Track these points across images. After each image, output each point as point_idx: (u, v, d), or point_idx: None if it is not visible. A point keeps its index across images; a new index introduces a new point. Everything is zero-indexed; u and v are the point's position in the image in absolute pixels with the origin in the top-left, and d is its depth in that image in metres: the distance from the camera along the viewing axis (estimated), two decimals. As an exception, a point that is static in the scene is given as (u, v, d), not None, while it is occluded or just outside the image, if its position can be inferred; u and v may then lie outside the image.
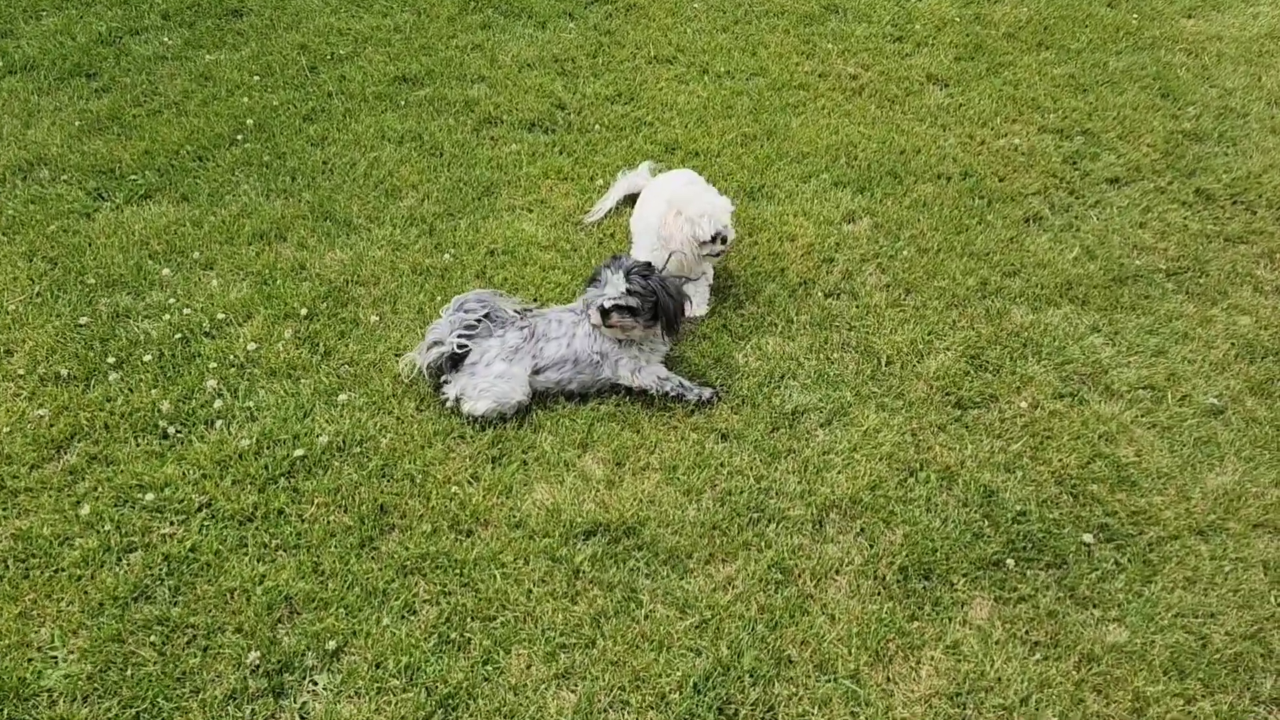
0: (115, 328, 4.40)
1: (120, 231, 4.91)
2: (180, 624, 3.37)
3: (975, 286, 4.83)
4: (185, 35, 6.68)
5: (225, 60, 6.41)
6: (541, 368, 4.15)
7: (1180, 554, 3.77)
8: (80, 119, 5.72)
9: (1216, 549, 3.79)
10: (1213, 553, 3.78)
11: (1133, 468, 4.06)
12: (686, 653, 3.41)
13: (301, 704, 3.21)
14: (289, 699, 3.22)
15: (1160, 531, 3.84)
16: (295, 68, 6.28)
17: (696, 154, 5.59)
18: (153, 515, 3.69)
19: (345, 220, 5.05)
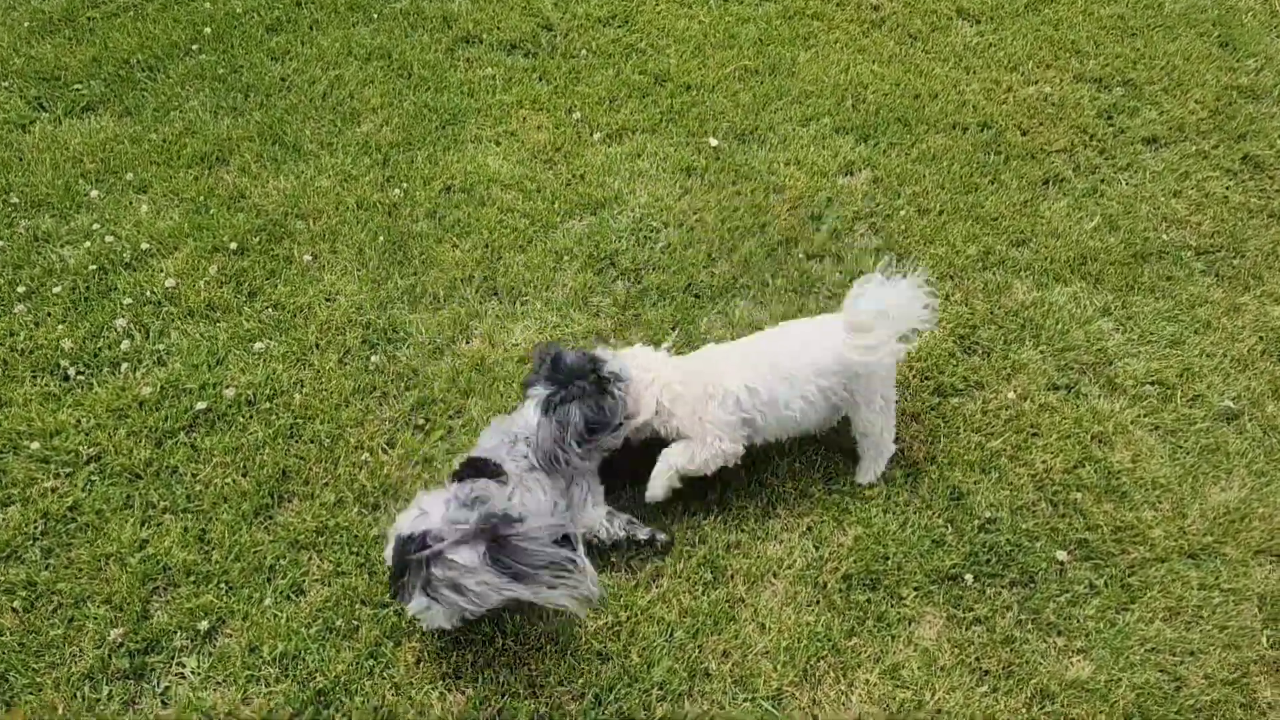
0: (31, 253, 4.10)
1: (55, 147, 4.57)
2: (47, 590, 3.11)
3: (976, 256, 4.33)
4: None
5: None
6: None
7: (1165, 580, 3.35)
8: (31, 19, 5.32)
9: (1208, 576, 3.36)
10: (1203, 581, 3.35)
11: (1125, 476, 3.61)
12: (593, 658, 3.09)
13: (164, 688, 2.95)
14: (151, 682, 2.96)
15: (1146, 552, 3.42)
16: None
17: (688, 87, 5.08)
18: (38, 466, 3.42)
19: (295, 145, 4.66)
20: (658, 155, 4.71)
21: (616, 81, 5.11)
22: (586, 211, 4.44)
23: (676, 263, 4.23)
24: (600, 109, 4.94)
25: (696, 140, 4.80)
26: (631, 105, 4.98)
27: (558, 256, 4.22)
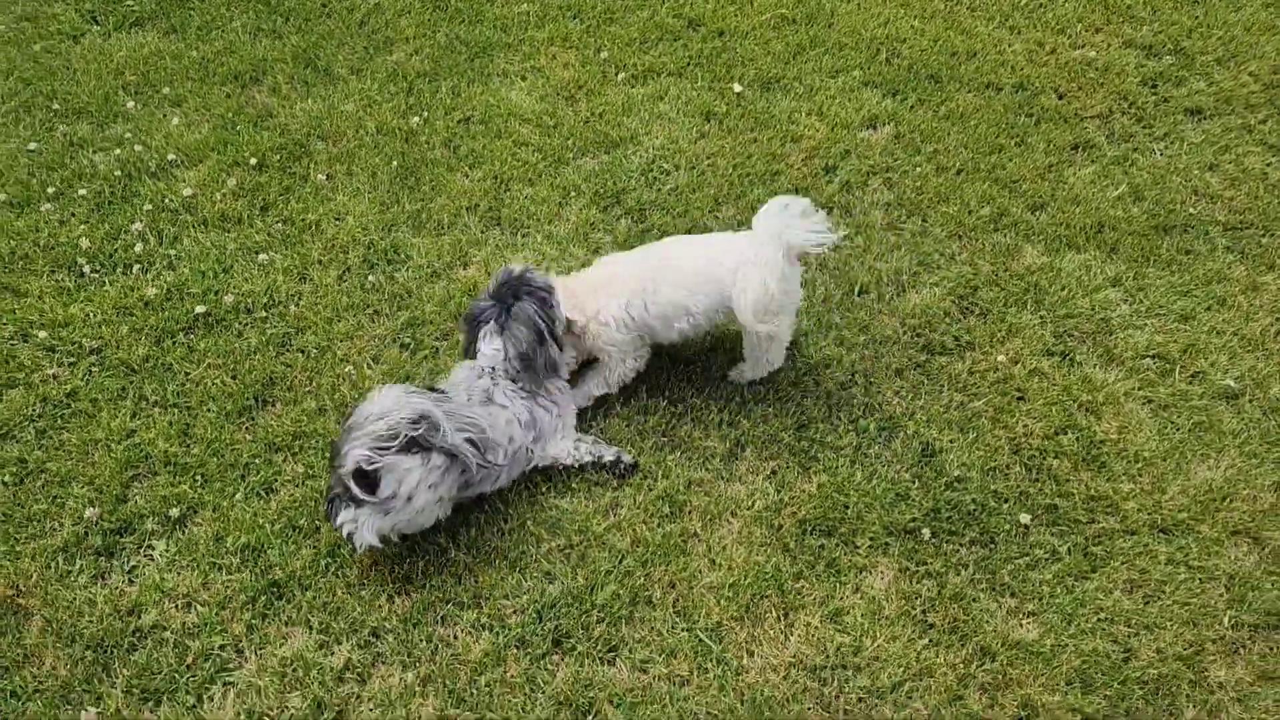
0: (65, 157, 4.31)
1: (101, 58, 4.78)
2: (37, 467, 3.32)
3: (989, 217, 4.24)
4: None
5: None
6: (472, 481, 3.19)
7: (1131, 552, 3.27)
8: (95, -65, 5.57)
9: (1177, 552, 3.27)
10: (1171, 556, 3.27)
11: (1108, 446, 3.53)
12: (540, 577, 3.17)
13: (132, 567, 3.13)
14: (121, 560, 3.14)
15: (1116, 524, 3.34)
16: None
17: (721, 33, 5.05)
18: (44, 354, 3.63)
19: (326, 69, 4.79)
20: (680, 98, 4.71)
21: (650, 24, 5.11)
22: (600, 150, 4.47)
23: (683, 204, 4.24)
24: (629, 50, 4.95)
25: (721, 85, 4.77)
26: (661, 48, 4.97)
27: (565, 192, 4.27)
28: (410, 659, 2.96)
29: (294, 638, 2.99)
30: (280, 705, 2.85)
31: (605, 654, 3.02)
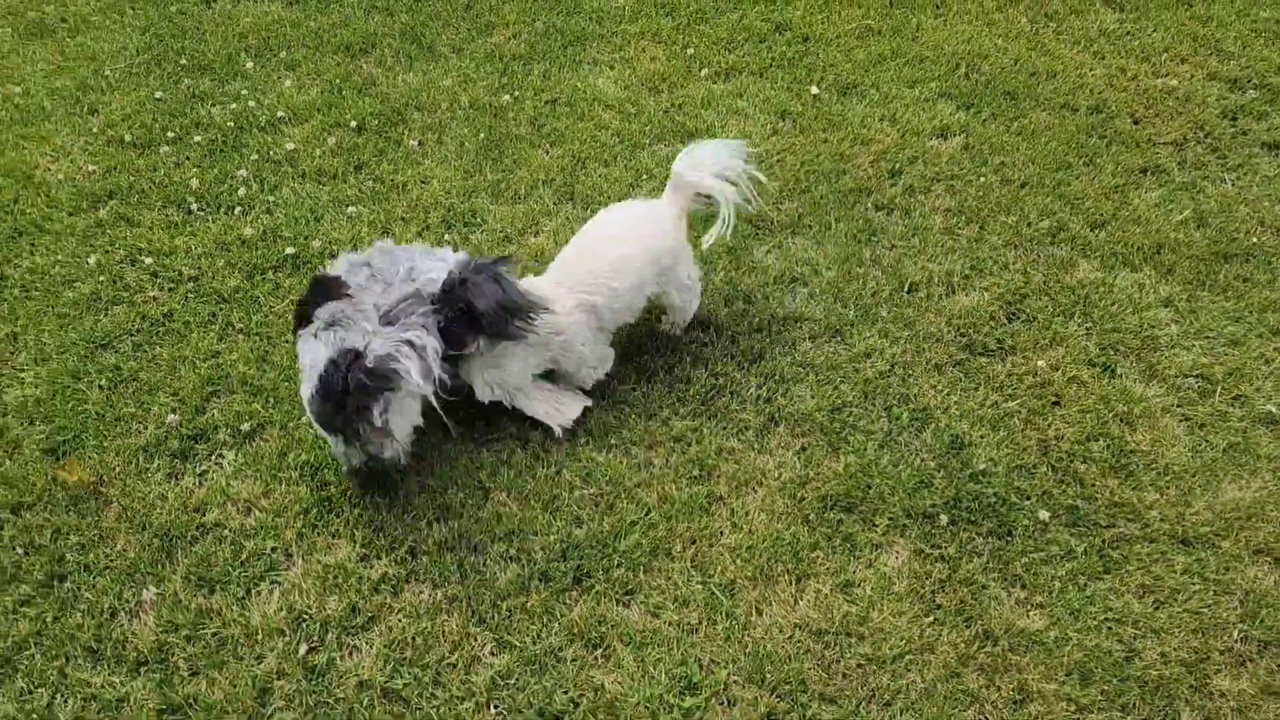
0: (186, 107, 4.71)
1: (228, 22, 5.20)
2: (130, 376, 3.66)
3: (1048, 230, 4.31)
4: None
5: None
6: None
7: (1148, 559, 3.32)
8: (234, -86, 6.03)
9: (1194, 564, 3.31)
10: (1188, 567, 3.31)
11: (1138, 457, 3.58)
12: (572, 520, 3.37)
13: (203, 471, 3.44)
14: (193, 463, 3.45)
15: (1136, 530, 3.40)
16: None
17: (805, 39, 5.23)
18: (148, 278, 3.99)
19: (430, 46, 5.12)
20: (758, 96, 4.89)
21: (738, 26, 5.31)
22: (676, 139, 4.68)
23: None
24: (715, 48, 5.16)
25: (800, 87, 4.95)
26: (746, 49, 5.17)
27: (638, 174, 4.49)
28: (440, 579, 3.19)
29: (338, 549, 3.25)
30: (319, 606, 3.11)
31: (622, 596, 3.20)
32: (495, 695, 2.96)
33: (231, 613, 3.08)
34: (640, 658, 3.05)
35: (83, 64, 4.94)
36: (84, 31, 5.14)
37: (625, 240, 3.54)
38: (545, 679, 3.00)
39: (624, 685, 2.99)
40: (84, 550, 3.20)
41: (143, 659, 2.98)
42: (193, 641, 3.01)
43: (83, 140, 4.53)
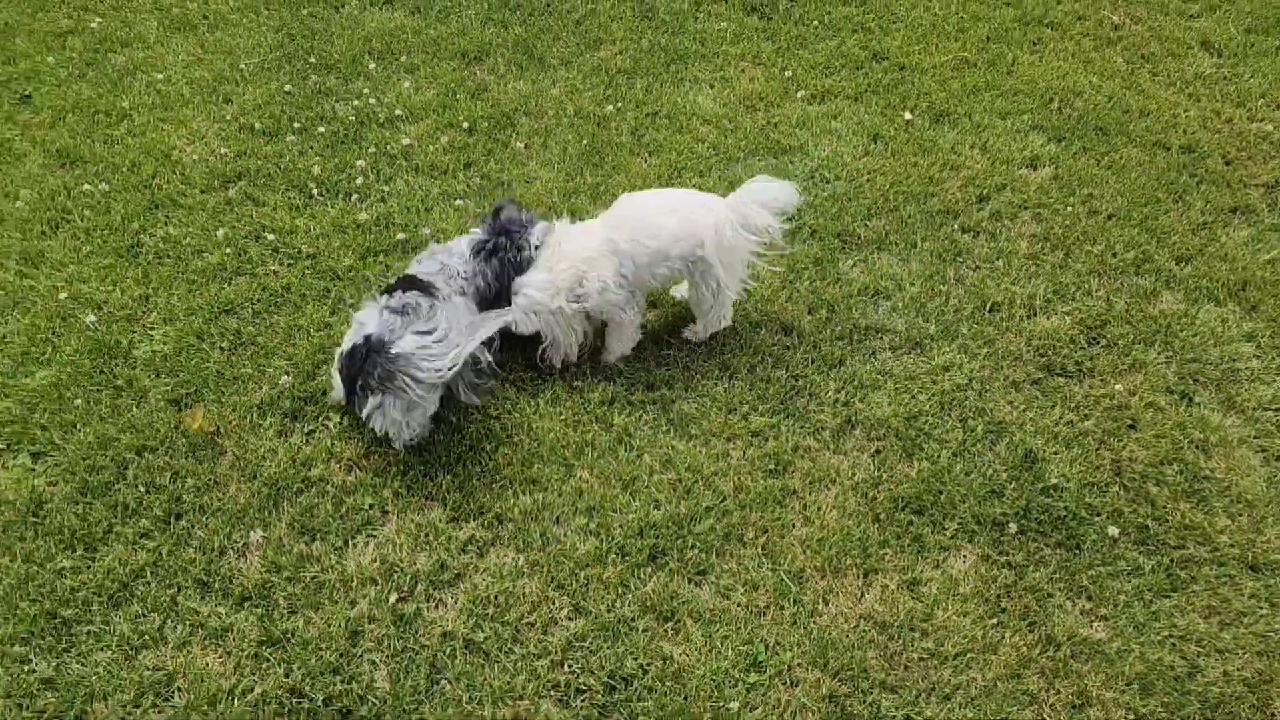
0: (312, 101, 5.03)
1: (354, 27, 5.54)
2: (249, 340, 3.93)
3: (1133, 261, 4.38)
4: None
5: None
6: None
7: (1216, 581, 3.36)
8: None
9: (1262, 589, 3.34)
10: (1256, 591, 3.34)
11: (1212, 484, 3.62)
12: (650, 501, 3.53)
13: (310, 430, 3.67)
14: (302, 423, 3.69)
15: (1205, 553, 3.44)
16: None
17: (902, 67, 5.38)
18: (269, 253, 4.27)
19: (540, 58, 5.39)
20: (852, 119, 5.05)
21: (836, 52, 5.49)
22: (769, 154, 4.86)
23: (837, 210, 4.56)
24: (813, 72, 5.34)
25: (893, 112, 5.09)
26: (843, 74, 5.34)
27: (730, 185, 4.64)
28: (524, 545, 3.37)
29: (430, 510, 3.45)
30: (410, 560, 3.31)
31: (694, 575, 3.34)
32: (569, 655, 3.12)
33: (329, 559, 3.30)
34: (708, 634, 3.18)
35: (220, 57, 5.31)
36: (223, 28, 5.53)
37: (673, 211, 3.76)
38: (617, 645, 3.15)
39: (691, 657, 3.13)
40: (199, 493, 3.45)
41: (247, 594, 3.21)
42: (293, 582, 3.23)
43: (217, 126, 4.88)
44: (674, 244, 3.73)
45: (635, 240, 3.73)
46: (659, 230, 3.72)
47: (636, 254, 3.74)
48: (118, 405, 3.69)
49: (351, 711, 2.97)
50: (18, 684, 2.98)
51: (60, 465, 3.51)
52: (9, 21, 5.49)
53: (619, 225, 3.77)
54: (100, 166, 4.64)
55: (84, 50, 5.33)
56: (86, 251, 4.24)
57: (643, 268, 3.77)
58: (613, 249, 3.74)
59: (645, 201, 3.84)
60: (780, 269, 4.26)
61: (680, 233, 3.72)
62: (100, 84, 5.11)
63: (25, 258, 4.20)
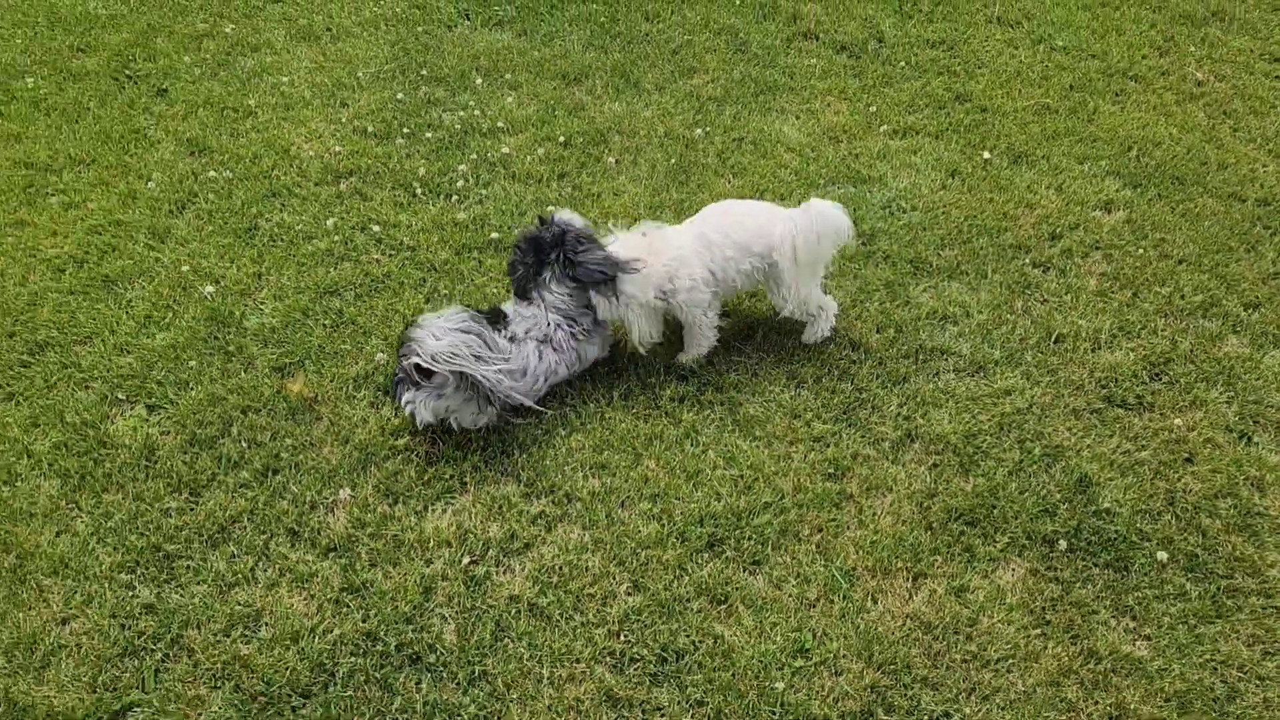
0: (421, 109, 5.39)
1: (464, 45, 5.91)
2: (349, 319, 4.24)
3: (1200, 304, 4.46)
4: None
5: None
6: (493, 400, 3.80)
7: (1263, 611, 3.42)
8: (480, -44, 6.84)
9: (1310, 624, 3.40)
10: (1303, 626, 3.40)
11: (1265, 520, 3.68)
12: (712, 494, 3.71)
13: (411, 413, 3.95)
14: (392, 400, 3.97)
15: (1254, 584, 3.50)
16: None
17: (984, 109, 5.55)
18: (373, 243, 4.59)
19: (636, 82, 5.68)
20: (932, 155, 5.23)
21: (921, 92, 5.68)
22: (849, 183, 5.06)
23: (911, 238, 4.74)
24: (896, 109, 5.54)
25: (973, 151, 5.26)
26: (926, 113, 5.53)
27: (808, 210, 4.88)
28: (589, 524, 3.58)
29: (505, 484, 3.68)
30: (483, 528, 3.53)
31: (749, 565, 3.51)
32: (625, 627, 3.30)
33: (409, 521, 3.54)
34: (759, 619, 3.34)
35: (340, 65, 5.71)
36: (344, 39, 5.94)
37: (754, 214, 4.04)
38: (671, 622, 3.32)
39: (741, 639, 3.29)
40: (295, 452, 3.74)
41: (332, 545, 3.47)
42: (375, 538, 3.48)
43: (333, 127, 5.25)
44: (755, 240, 3.99)
45: (724, 234, 3.99)
46: (742, 227, 4.00)
47: (725, 246, 3.99)
48: (227, 369, 4.01)
49: (420, 658, 3.20)
50: (121, 606, 3.27)
51: (172, 418, 3.83)
52: (152, 23, 5.97)
53: (707, 221, 4.05)
54: (225, 156, 5.03)
55: (217, 52, 5.78)
56: (208, 231, 4.61)
57: (729, 261, 4.01)
58: (705, 243, 3.99)
59: (730, 206, 4.13)
60: (852, 289, 4.45)
61: (760, 231, 3.99)
62: (230, 83, 5.54)
63: (154, 233, 4.58)
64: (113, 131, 5.17)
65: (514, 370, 3.78)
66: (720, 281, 4.04)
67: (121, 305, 4.25)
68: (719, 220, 4.03)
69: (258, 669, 3.13)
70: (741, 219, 4.02)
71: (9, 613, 3.24)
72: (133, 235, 4.56)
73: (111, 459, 3.69)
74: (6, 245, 4.48)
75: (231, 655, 3.16)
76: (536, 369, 3.86)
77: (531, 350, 3.85)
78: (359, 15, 6.18)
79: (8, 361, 3.99)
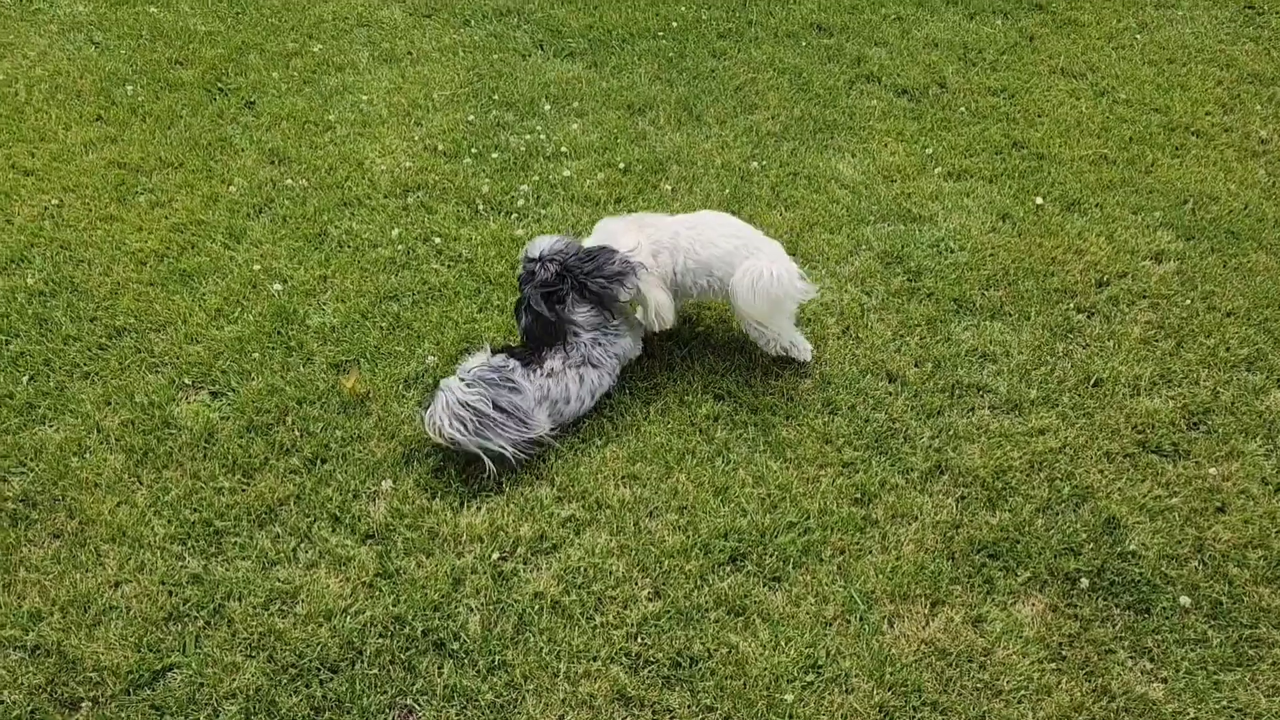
0: (490, 131, 5.63)
1: (536, 74, 6.16)
2: (404, 323, 4.44)
3: (1246, 357, 4.44)
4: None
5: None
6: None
7: (1286, 663, 3.40)
8: (559, -10, 7.14)
9: (1334, 680, 3.36)
10: (1326, 681, 3.36)
11: (1296, 574, 3.66)
12: (739, 510, 3.81)
13: (446, 405, 4.13)
14: (440, 398, 4.16)
15: (1278, 635, 3.47)
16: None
17: (1040, 156, 5.61)
18: (434, 254, 4.81)
19: (698, 115, 5.86)
20: (984, 198, 5.30)
21: (978, 137, 5.76)
22: (900, 221, 5.15)
23: (957, 277, 4.80)
24: (952, 153, 5.63)
25: (1025, 196, 5.32)
26: (982, 157, 5.61)
27: (857, 243, 4.98)
28: (616, 530, 3.70)
29: (539, 487, 3.82)
30: (515, 527, 3.68)
31: (769, 580, 3.59)
32: (643, 630, 3.41)
33: (445, 515, 3.70)
34: (775, 633, 3.42)
35: (417, 87, 5.99)
36: (423, 64, 6.24)
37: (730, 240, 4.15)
38: (689, 629, 3.42)
39: (755, 650, 3.37)
40: (344, 443, 3.93)
41: (371, 533, 3.64)
42: (411, 529, 3.64)
43: (405, 144, 5.51)
44: (718, 264, 4.13)
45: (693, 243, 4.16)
46: (713, 245, 4.15)
47: (690, 254, 4.16)
48: (288, 362, 4.24)
49: (444, 644, 3.34)
50: (170, 575, 3.48)
51: (233, 404, 4.06)
52: (246, 41, 6.34)
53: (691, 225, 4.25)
54: (303, 166, 5.32)
55: (304, 70, 6.11)
56: (281, 234, 4.88)
57: (688, 272, 4.19)
58: (675, 244, 4.17)
59: (715, 221, 4.27)
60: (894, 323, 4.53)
61: (724, 259, 4.13)
62: (313, 99, 5.86)
63: (231, 233, 4.86)
64: (201, 138, 5.49)
65: (556, 400, 3.97)
66: (679, 283, 4.22)
67: (195, 298, 4.52)
68: (699, 230, 4.19)
69: (291, 642, 3.31)
70: (716, 239, 4.15)
71: (68, 573, 3.46)
72: (211, 234, 4.84)
73: (174, 439, 3.92)
74: (96, 238, 4.79)
75: (268, 628, 3.34)
76: (580, 393, 4.03)
77: (572, 378, 4.02)
78: (439, 42, 6.47)
79: (87, 344, 4.27)
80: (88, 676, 3.19)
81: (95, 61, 6.08)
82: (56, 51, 6.15)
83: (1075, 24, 7.00)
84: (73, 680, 3.18)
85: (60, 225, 4.88)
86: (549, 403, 3.96)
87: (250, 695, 3.18)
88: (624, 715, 3.22)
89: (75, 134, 5.48)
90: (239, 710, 3.14)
